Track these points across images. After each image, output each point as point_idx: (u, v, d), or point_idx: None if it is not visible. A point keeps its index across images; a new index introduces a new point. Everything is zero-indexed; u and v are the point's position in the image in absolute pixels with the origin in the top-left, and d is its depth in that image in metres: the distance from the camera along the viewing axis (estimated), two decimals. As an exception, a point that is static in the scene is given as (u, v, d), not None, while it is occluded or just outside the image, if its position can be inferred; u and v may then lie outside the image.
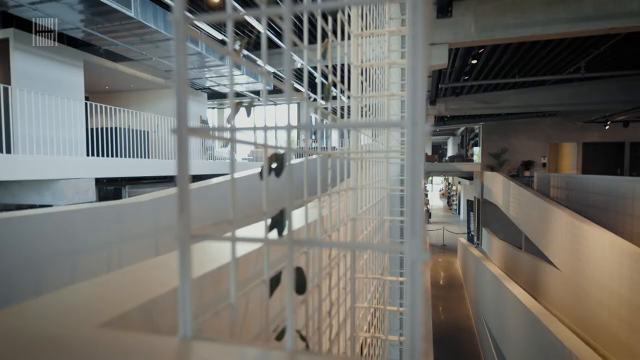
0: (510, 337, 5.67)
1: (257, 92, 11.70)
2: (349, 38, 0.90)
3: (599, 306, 4.41)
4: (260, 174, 0.46)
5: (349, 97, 0.94)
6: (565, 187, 7.33)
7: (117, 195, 6.76)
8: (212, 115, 14.55)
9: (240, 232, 0.69)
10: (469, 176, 15.55)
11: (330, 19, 0.72)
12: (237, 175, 3.07)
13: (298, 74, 9.60)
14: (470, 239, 15.47)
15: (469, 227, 16.99)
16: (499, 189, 10.63)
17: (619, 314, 4.01)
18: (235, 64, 0.37)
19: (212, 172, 8.41)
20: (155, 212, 1.97)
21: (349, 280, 0.98)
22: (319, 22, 0.64)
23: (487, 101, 12.17)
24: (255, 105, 0.48)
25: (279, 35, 7.58)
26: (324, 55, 0.67)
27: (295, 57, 7.60)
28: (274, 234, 0.45)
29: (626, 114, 11.41)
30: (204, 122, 10.11)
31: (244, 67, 8.25)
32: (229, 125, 0.37)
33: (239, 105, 0.45)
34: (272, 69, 8.81)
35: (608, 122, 12.56)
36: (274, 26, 7.56)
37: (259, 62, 8.67)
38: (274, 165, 0.45)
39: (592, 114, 12.73)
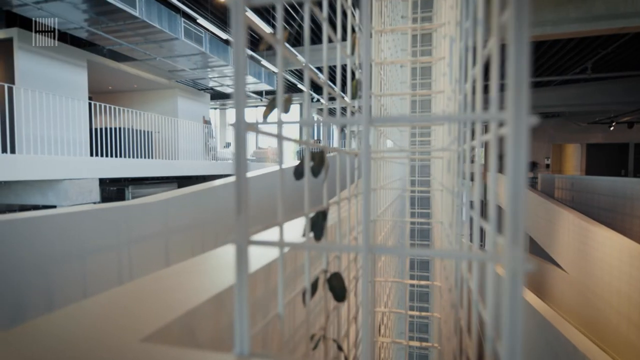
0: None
1: (259, 93, 11.68)
2: (370, 35, 0.88)
3: (608, 308, 4.37)
4: (295, 172, 0.43)
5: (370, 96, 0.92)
6: (570, 188, 7.27)
7: (121, 196, 6.74)
8: (214, 116, 14.53)
9: (270, 234, 0.66)
10: (471, 177, 15.49)
11: (356, 13, 0.69)
12: (251, 174, 3.03)
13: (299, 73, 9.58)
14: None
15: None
16: (503, 190, 10.58)
17: (628, 315, 3.98)
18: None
19: (216, 173, 8.40)
20: (164, 213, 1.94)
21: (369, 284, 0.95)
22: (349, 16, 0.62)
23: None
24: (293, 103, 0.45)
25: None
26: (352, 51, 0.65)
27: (299, 57, 7.56)
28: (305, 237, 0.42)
29: (631, 115, 11.36)
30: (207, 122, 10.09)
31: (247, 67, 8.23)
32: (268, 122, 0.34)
33: (273, 101, 0.42)
34: (274, 69, 8.79)
35: (612, 123, 12.49)
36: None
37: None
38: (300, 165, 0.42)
39: (596, 115, 12.67)
